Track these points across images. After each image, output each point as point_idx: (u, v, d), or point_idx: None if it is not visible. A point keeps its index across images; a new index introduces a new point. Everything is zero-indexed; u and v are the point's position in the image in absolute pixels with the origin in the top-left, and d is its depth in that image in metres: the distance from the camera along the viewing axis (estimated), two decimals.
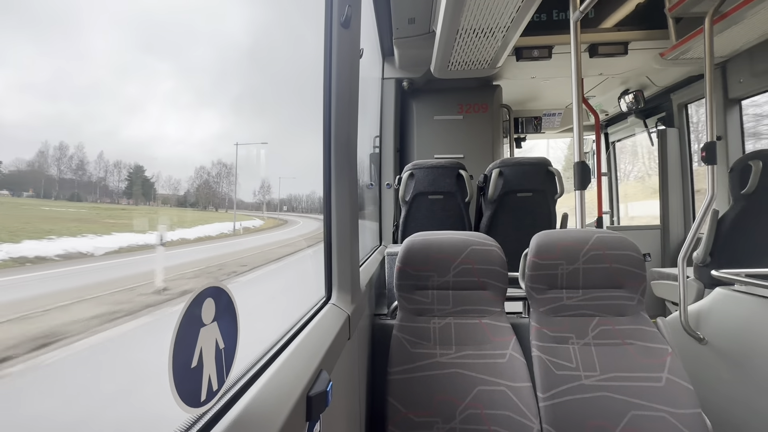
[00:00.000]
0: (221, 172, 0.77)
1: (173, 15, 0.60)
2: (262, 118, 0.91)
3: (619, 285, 1.25)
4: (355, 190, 1.01)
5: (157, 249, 0.53)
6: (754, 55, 2.30)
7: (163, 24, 0.57)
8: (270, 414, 0.45)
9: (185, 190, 0.67)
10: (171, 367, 0.31)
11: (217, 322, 0.39)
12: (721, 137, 2.56)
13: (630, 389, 1.12)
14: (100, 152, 0.48)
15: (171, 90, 0.59)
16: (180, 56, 0.61)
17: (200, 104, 0.67)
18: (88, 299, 0.46)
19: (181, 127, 0.62)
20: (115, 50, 0.48)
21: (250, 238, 0.97)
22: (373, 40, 2.51)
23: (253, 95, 0.87)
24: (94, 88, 0.46)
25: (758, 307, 1.39)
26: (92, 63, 0.45)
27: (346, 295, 0.96)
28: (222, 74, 0.75)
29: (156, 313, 0.52)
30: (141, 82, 0.53)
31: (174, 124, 0.60)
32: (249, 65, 0.85)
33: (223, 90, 0.76)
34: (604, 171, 3.90)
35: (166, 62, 0.58)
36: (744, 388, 1.38)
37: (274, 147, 0.90)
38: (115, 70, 0.48)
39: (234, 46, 0.79)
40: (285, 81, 1.05)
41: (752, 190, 1.92)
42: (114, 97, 0.49)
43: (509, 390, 1.14)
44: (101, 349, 0.45)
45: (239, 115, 0.82)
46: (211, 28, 0.72)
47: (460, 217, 2.04)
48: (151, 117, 0.55)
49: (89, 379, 0.45)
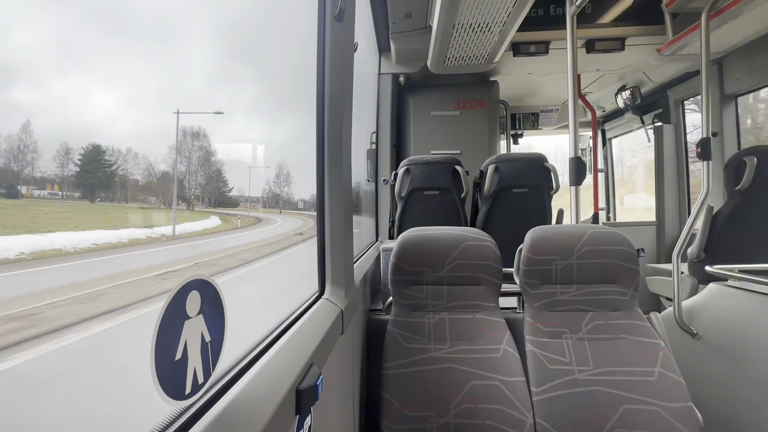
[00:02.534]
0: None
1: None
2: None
3: (612, 280, 1.25)
4: (349, 185, 1.00)
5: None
6: (750, 51, 2.30)
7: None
8: (258, 407, 0.45)
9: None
10: (153, 360, 0.31)
11: (202, 315, 0.38)
12: (716, 133, 2.56)
13: (622, 383, 1.13)
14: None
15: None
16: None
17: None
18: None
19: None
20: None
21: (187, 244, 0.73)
22: (369, 35, 2.50)
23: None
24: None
25: (752, 303, 1.40)
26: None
27: (340, 290, 0.96)
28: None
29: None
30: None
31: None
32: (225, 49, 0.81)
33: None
34: (601, 167, 3.90)
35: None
36: (736, 382, 1.40)
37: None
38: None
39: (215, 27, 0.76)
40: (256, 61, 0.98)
41: (747, 186, 1.92)
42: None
43: (503, 384, 1.15)
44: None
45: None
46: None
47: (456, 212, 2.04)
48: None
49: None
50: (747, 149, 1.98)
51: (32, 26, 0.40)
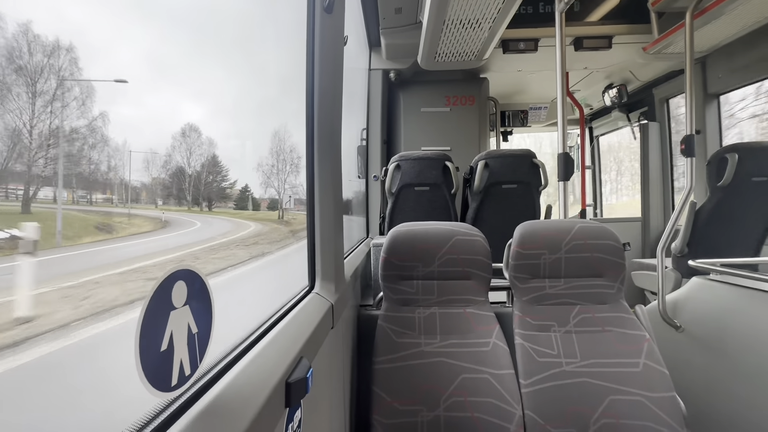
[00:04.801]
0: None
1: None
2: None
3: (599, 274, 1.27)
4: (339, 180, 1.00)
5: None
6: (732, 50, 2.36)
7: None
8: (247, 399, 0.45)
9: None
10: (137, 350, 0.31)
11: (189, 305, 0.38)
12: (699, 131, 2.62)
13: (608, 374, 1.15)
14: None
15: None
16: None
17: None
18: None
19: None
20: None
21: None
22: (359, 31, 2.48)
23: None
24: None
25: (733, 296, 1.44)
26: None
27: (330, 285, 0.96)
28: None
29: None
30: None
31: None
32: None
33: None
34: (588, 164, 3.96)
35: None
36: (718, 372, 1.44)
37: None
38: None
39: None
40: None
41: (728, 182, 1.97)
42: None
43: (492, 377, 1.16)
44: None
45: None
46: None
47: (446, 208, 2.05)
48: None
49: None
50: (728, 146, 2.03)
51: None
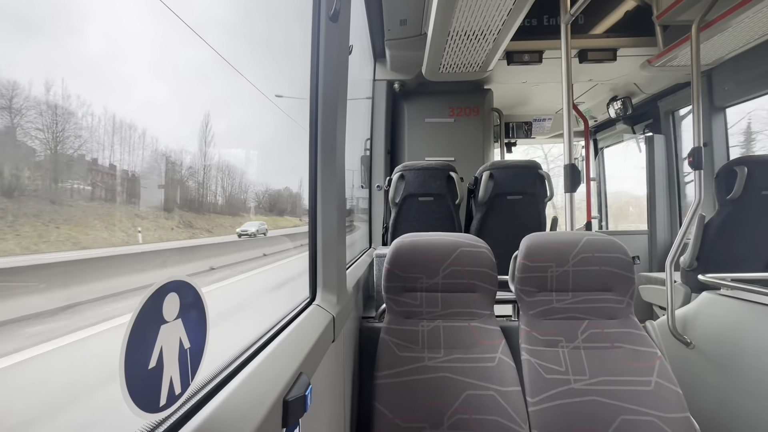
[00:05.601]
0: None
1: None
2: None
3: (608, 288, 1.24)
4: (343, 190, 0.98)
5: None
6: (738, 63, 2.35)
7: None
8: (242, 419, 0.42)
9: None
10: (123, 369, 0.28)
11: (181, 319, 0.36)
12: (707, 144, 2.60)
13: (619, 393, 1.11)
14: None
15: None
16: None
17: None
18: None
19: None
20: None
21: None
22: (364, 42, 2.50)
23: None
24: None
25: (744, 311, 1.40)
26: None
27: (332, 296, 0.93)
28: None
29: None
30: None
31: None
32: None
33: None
34: (593, 176, 3.94)
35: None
36: (731, 391, 1.38)
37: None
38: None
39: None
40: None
41: (737, 195, 1.94)
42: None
43: (498, 395, 1.12)
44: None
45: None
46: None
47: (450, 219, 2.02)
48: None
49: None
50: (737, 159, 2.00)
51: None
